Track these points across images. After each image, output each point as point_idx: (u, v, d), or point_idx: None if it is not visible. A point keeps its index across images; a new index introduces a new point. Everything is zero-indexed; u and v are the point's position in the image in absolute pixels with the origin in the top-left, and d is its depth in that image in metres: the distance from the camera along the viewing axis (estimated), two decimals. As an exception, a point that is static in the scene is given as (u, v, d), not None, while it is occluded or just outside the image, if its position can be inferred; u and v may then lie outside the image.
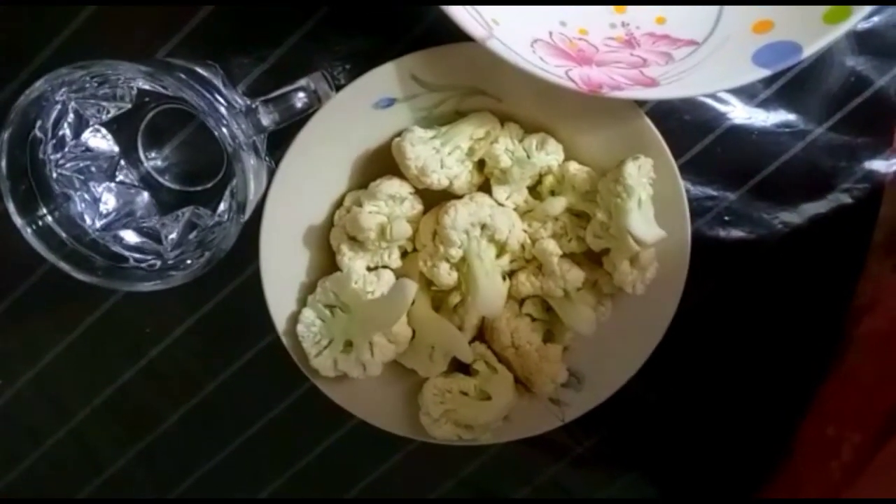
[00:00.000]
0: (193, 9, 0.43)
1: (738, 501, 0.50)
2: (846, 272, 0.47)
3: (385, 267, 0.44)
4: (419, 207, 0.43)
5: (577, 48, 0.39)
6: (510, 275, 0.44)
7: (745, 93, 0.44)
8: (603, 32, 0.40)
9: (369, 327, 0.42)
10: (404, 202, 0.43)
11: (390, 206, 0.42)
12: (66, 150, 0.39)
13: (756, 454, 0.50)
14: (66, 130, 0.39)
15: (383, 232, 0.42)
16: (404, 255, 0.45)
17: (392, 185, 0.42)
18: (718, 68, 0.37)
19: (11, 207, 0.37)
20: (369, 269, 0.44)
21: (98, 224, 0.41)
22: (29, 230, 0.38)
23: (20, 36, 0.44)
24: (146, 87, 0.39)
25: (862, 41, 0.43)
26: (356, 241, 0.43)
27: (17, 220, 0.38)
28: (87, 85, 0.38)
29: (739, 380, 0.49)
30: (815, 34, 0.35)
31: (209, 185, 0.44)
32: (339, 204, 0.44)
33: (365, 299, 0.42)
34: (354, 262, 0.43)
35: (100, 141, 0.41)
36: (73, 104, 0.38)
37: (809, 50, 0.35)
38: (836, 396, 0.45)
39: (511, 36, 0.37)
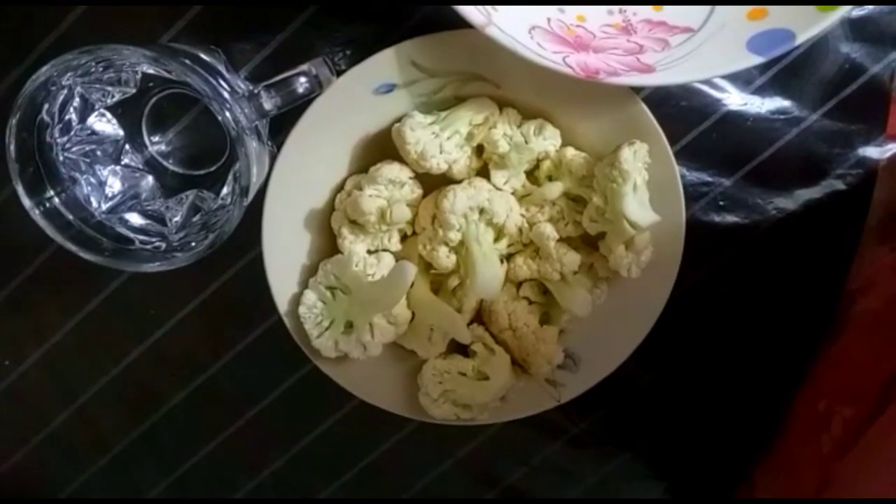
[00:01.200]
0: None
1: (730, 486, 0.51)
2: (840, 257, 0.47)
3: (385, 250, 0.45)
4: (419, 191, 0.44)
5: (575, 35, 0.39)
6: (508, 258, 0.45)
7: (741, 79, 0.45)
8: (600, 19, 0.41)
9: (370, 309, 0.43)
10: (404, 186, 0.43)
11: (390, 189, 0.43)
12: (73, 133, 0.40)
13: (749, 434, 0.50)
14: (73, 114, 0.40)
15: (383, 215, 0.43)
16: (404, 238, 0.45)
17: (392, 170, 0.43)
18: (713, 55, 0.37)
19: (20, 189, 0.38)
20: (370, 251, 0.44)
21: (104, 206, 0.41)
22: (37, 212, 0.39)
23: (25, 22, 0.44)
24: (151, 71, 0.40)
25: (856, 28, 0.44)
26: (357, 225, 0.44)
27: (26, 202, 0.38)
28: (93, 70, 0.38)
29: (733, 361, 0.49)
30: (808, 21, 0.35)
31: (212, 169, 0.44)
32: (339, 188, 0.45)
33: (365, 281, 0.43)
34: (355, 245, 0.44)
35: (105, 125, 0.42)
36: (78, 89, 0.39)
37: (803, 37, 0.35)
38: (829, 374, 0.45)
39: (509, 23, 0.37)
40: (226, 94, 0.37)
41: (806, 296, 0.48)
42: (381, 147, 0.44)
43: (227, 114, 0.36)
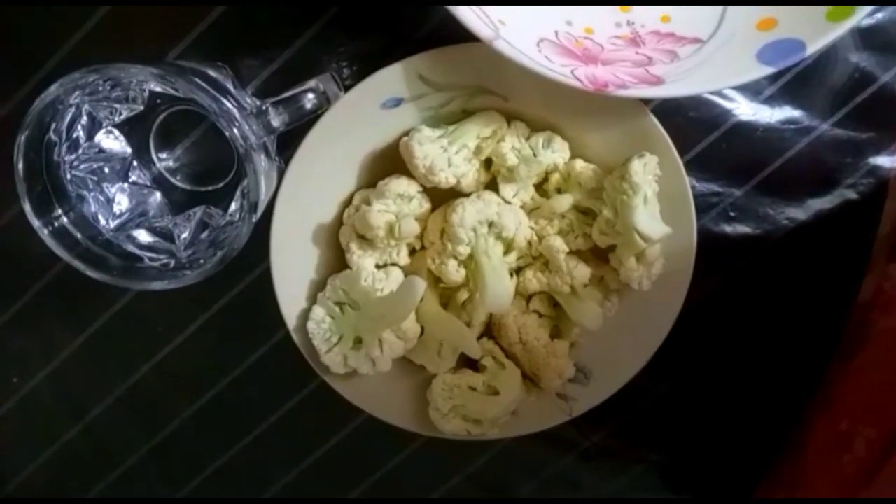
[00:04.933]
0: (202, 12, 0.43)
1: (743, 497, 0.50)
2: (851, 267, 0.47)
3: (394, 264, 0.45)
4: (427, 206, 0.44)
5: (583, 47, 0.39)
6: (517, 272, 0.45)
7: (751, 89, 0.45)
8: (608, 31, 0.40)
9: (379, 324, 0.43)
10: (412, 200, 0.43)
11: (399, 204, 0.43)
12: (80, 151, 0.40)
13: (761, 447, 0.50)
14: (80, 132, 0.40)
15: (392, 230, 0.42)
16: (412, 252, 0.45)
17: (400, 184, 0.42)
18: (723, 66, 0.37)
19: (28, 208, 0.38)
20: (378, 266, 0.44)
21: (112, 224, 0.41)
22: (46, 231, 0.39)
23: (32, 40, 0.44)
24: (158, 89, 0.40)
25: (866, 37, 0.43)
26: (365, 240, 0.44)
27: (35, 222, 0.38)
28: (101, 88, 0.38)
29: (745, 374, 0.49)
30: (818, 31, 0.35)
31: (220, 185, 0.44)
32: (347, 202, 0.45)
33: (374, 296, 0.43)
34: (364, 260, 0.44)
35: (113, 142, 0.42)
36: (86, 107, 0.39)
37: (813, 47, 0.35)
38: (851, 392, 0.45)
39: (517, 36, 0.37)
40: (234, 111, 0.37)
41: (818, 306, 0.48)
42: (390, 161, 0.43)
43: (235, 130, 0.36)
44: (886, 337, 0.43)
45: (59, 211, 0.39)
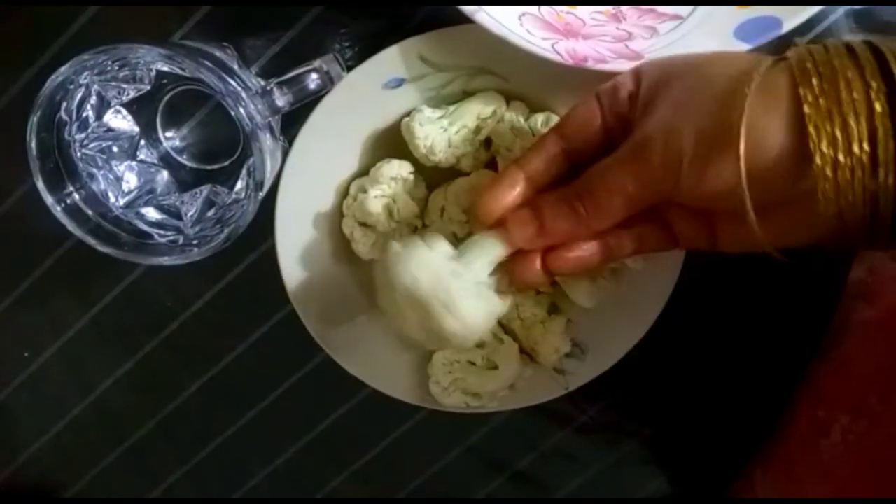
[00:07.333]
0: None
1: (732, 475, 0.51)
2: (840, 254, 0.47)
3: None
4: (423, 185, 0.44)
5: (565, 21, 0.39)
6: (516, 250, 0.46)
7: (746, 71, 0.45)
8: (590, 6, 0.41)
9: None
10: (406, 181, 0.44)
11: (393, 187, 0.43)
12: (90, 130, 0.41)
13: (753, 425, 0.51)
14: (90, 112, 0.40)
15: (391, 213, 0.43)
16: (415, 231, 0.46)
17: (392, 167, 0.43)
18: (700, 43, 0.37)
19: (41, 185, 0.39)
20: None
21: (121, 202, 0.42)
22: (58, 208, 0.39)
23: (39, 22, 0.45)
24: (165, 69, 0.41)
25: (860, 20, 0.44)
26: (367, 226, 0.44)
27: (48, 199, 0.39)
28: (109, 68, 0.39)
29: (738, 349, 0.50)
30: (795, 8, 0.36)
31: (226, 164, 0.45)
32: (350, 180, 0.45)
33: None
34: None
35: (121, 121, 0.42)
36: (95, 87, 0.40)
37: (790, 24, 0.35)
38: (830, 381, 0.45)
39: (499, 9, 0.37)
40: (240, 91, 0.38)
41: (809, 287, 0.48)
42: (391, 141, 0.44)
43: (241, 110, 0.37)
44: (868, 329, 0.43)
45: (71, 188, 0.40)
